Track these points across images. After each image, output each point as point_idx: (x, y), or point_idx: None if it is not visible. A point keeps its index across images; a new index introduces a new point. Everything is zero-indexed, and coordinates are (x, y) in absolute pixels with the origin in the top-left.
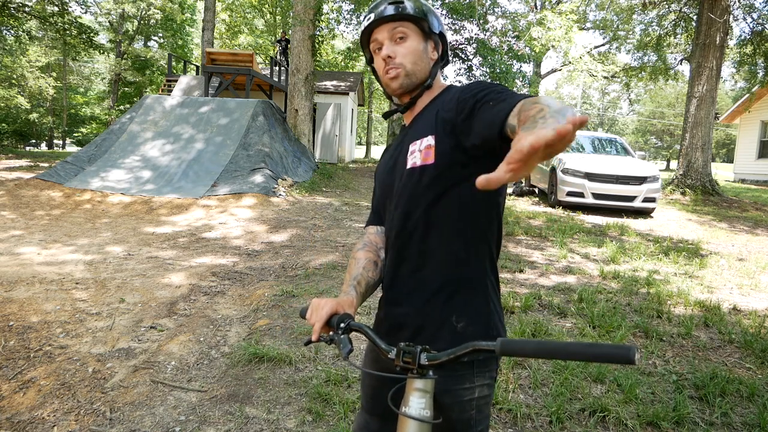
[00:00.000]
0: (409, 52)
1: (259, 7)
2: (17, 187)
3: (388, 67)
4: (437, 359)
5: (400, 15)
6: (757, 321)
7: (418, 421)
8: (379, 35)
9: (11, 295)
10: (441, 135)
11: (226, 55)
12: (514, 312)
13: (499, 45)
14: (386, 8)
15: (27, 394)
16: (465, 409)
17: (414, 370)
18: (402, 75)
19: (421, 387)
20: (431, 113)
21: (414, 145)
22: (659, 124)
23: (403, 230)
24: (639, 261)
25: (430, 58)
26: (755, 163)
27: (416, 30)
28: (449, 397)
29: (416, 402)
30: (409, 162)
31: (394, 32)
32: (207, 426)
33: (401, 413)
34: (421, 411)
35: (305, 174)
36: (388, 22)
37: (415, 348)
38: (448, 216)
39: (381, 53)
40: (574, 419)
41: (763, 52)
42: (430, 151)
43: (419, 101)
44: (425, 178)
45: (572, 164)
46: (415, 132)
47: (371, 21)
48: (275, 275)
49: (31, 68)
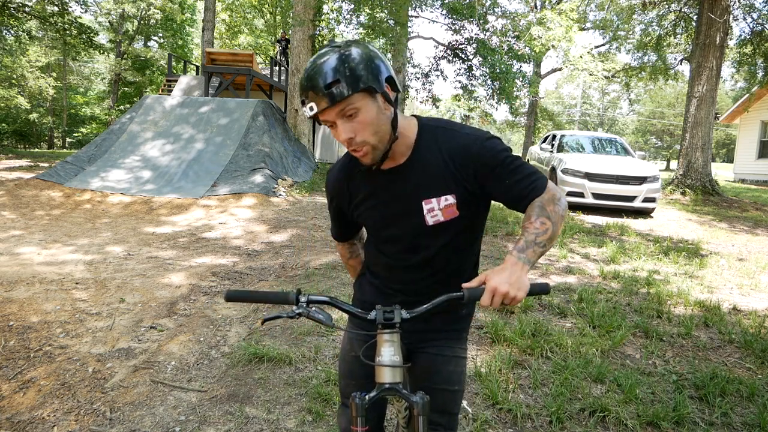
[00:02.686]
0: (366, 126)
1: (259, 7)
2: (17, 187)
3: (352, 148)
4: (417, 313)
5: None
6: (757, 321)
7: (390, 367)
8: (328, 117)
9: (11, 295)
10: (461, 194)
11: (226, 55)
12: (514, 312)
13: (499, 45)
14: (326, 97)
15: (27, 394)
16: (459, 363)
17: (397, 324)
18: (370, 151)
19: (389, 339)
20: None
21: (429, 203)
22: (659, 124)
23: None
24: (639, 261)
25: (388, 115)
26: (755, 163)
27: (363, 96)
28: (451, 350)
29: (387, 351)
30: (430, 220)
31: (344, 111)
32: (207, 426)
33: (376, 364)
34: (392, 357)
35: (305, 174)
36: (332, 106)
37: (394, 306)
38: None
39: (338, 133)
40: (574, 419)
41: (763, 52)
42: (452, 208)
43: (394, 148)
44: (451, 228)
45: (572, 164)
46: (422, 189)
47: (315, 112)
48: (275, 275)
49: (31, 68)
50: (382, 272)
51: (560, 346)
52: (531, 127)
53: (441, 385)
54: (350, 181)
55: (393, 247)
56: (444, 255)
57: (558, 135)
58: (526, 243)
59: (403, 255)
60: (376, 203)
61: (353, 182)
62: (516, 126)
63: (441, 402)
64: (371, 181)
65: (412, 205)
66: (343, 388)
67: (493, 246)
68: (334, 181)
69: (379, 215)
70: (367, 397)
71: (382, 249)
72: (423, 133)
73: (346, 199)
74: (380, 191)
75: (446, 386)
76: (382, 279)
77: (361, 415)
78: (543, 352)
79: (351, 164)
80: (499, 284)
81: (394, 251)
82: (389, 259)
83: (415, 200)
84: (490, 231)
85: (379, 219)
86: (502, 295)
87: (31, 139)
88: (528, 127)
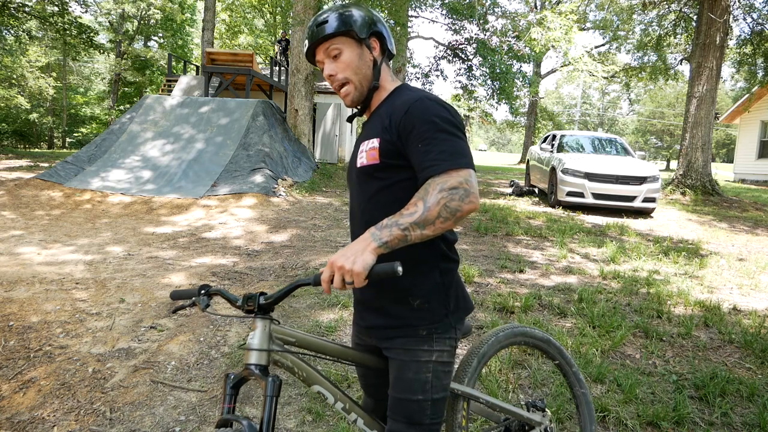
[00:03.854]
0: (346, 66)
1: (259, 7)
2: (17, 187)
3: (335, 85)
4: (271, 298)
5: (329, 35)
6: (757, 321)
7: (254, 351)
8: (318, 56)
9: (11, 295)
10: (384, 141)
11: (226, 55)
12: (514, 312)
13: (499, 45)
14: (315, 31)
15: (27, 394)
16: (421, 370)
17: (255, 311)
18: (352, 90)
19: (260, 325)
20: (381, 116)
21: (364, 145)
22: (659, 124)
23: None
24: (639, 261)
25: (369, 62)
26: (755, 163)
27: (348, 41)
28: (408, 354)
29: (253, 335)
30: (358, 161)
31: (329, 51)
32: (207, 426)
33: (245, 347)
34: (253, 340)
35: (305, 174)
36: (321, 44)
37: (256, 294)
38: (392, 206)
39: (324, 72)
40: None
41: (763, 52)
42: (374, 152)
43: (372, 102)
44: (372, 177)
45: (572, 164)
46: (367, 133)
47: (307, 47)
48: (275, 275)
49: (31, 68)
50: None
51: None
52: (531, 127)
53: (400, 395)
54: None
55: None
56: (366, 212)
57: (558, 135)
58: (388, 221)
59: (352, 202)
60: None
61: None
62: (516, 126)
63: (405, 413)
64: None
65: (356, 150)
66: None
67: (493, 246)
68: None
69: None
70: (232, 377)
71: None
72: (395, 91)
73: None
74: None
75: (407, 395)
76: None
77: (228, 394)
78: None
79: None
80: (336, 258)
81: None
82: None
83: (359, 144)
84: (490, 231)
85: (348, 168)
86: (339, 270)
87: (31, 139)
88: (528, 127)
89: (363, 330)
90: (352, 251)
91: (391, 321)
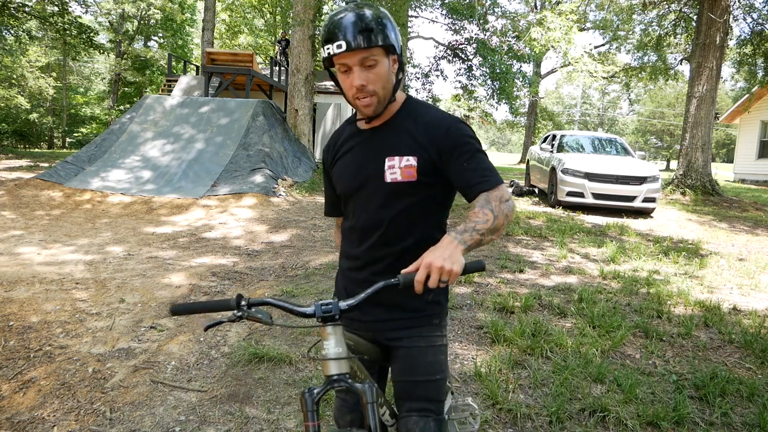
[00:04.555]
0: (379, 78)
1: (259, 7)
2: (17, 187)
3: (361, 94)
4: (354, 304)
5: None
6: (757, 321)
7: (335, 360)
8: (349, 60)
9: (11, 295)
10: (422, 159)
11: (226, 55)
12: (514, 312)
13: (499, 45)
14: (358, 39)
15: (27, 394)
16: (438, 353)
17: (337, 316)
18: (375, 102)
19: (331, 332)
20: (404, 131)
21: (391, 161)
22: (659, 124)
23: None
24: (639, 261)
25: (393, 75)
26: (755, 163)
27: (383, 52)
28: (425, 341)
29: (330, 344)
30: (388, 176)
31: (365, 60)
32: (207, 426)
33: (321, 358)
34: (335, 349)
35: (305, 174)
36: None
37: (335, 302)
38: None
39: (352, 78)
40: (574, 419)
41: (763, 52)
42: (411, 170)
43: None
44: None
45: (572, 164)
46: (388, 147)
47: (342, 50)
48: (275, 275)
49: (31, 68)
50: (348, 250)
51: (560, 346)
52: (531, 127)
53: (424, 377)
54: (338, 141)
55: (354, 208)
56: (397, 225)
57: (558, 135)
58: (465, 227)
59: (362, 217)
60: (349, 160)
61: (341, 142)
62: (516, 126)
63: (425, 393)
64: (352, 140)
65: (377, 161)
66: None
67: (493, 245)
68: (326, 147)
69: (348, 171)
70: (315, 392)
71: (347, 214)
72: (407, 104)
73: (330, 160)
74: (356, 148)
75: (428, 377)
76: (348, 261)
77: (311, 410)
78: (543, 352)
79: (344, 126)
80: (433, 259)
81: (354, 213)
82: (351, 224)
83: (381, 157)
84: None
85: (347, 175)
86: (438, 270)
87: (31, 139)
88: (528, 127)
89: (361, 325)
90: (447, 252)
91: (407, 314)
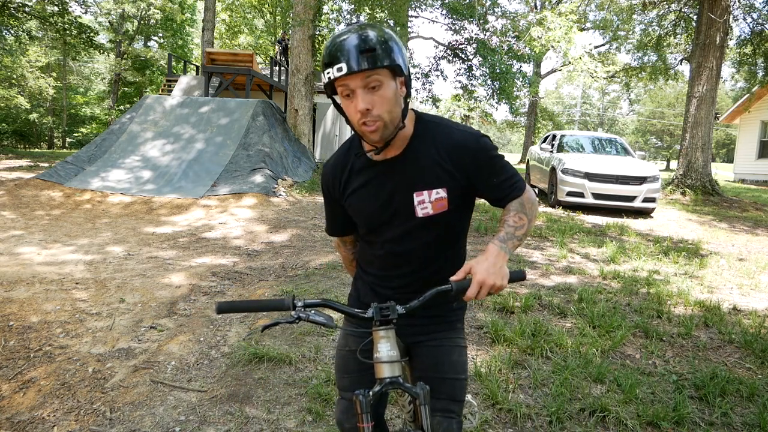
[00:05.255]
0: (385, 101)
1: (259, 7)
2: (17, 187)
3: (366, 119)
4: (412, 308)
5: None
6: (757, 321)
7: (389, 363)
8: (351, 83)
9: (11, 295)
10: (452, 188)
11: (226, 55)
12: (514, 312)
13: (499, 45)
14: (359, 60)
15: (27, 394)
16: (462, 353)
17: (394, 320)
18: (381, 128)
19: (385, 335)
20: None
21: (420, 195)
22: (659, 124)
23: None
24: (639, 261)
25: (401, 99)
26: (755, 163)
27: (388, 74)
28: (450, 341)
29: (384, 347)
30: (420, 212)
31: (368, 81)
32: (207, 426)
33: (374, 361)
34: (389, 352)
35: (305, 174)
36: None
37: (389, 303)
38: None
39: (356, 102)
40: (574, 419)
41: (763, 52)
42: (443, 202)
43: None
44: (439, 222)
45: (572, 164)
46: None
47: (344, 73)
48: (275, 275)
49: (31, 68)
50: (372, 269)
51: (560, 346)
52: (531, 127)
53: (449, 375)
54: (345, 172)
55: (381, 239)
56: (429, 251)
57: (558, 135)
58: (506, 234)
59: (391, 247)
60: (368, 194)
61: (349, 173)
62: (516, 126)
63: (451, 391)
64: (366, 172)
65: (403, 196)
66: (339, 381)
67: None
68: (330, 173)
69: (371, 206)
70: (370, 393)
71: (371, 242)
72: (419, 127)
73: (339, 190)
74: (374, 181)
75: (454, 375)
76: (374, 277)
77: (366, 411)
78: (543, 352)
79: (347, 156)
80: (486, 277)
81: (382, 244)
82: (377, 252)
83: (407, 192)
84: (490, 231)
85: (370, 210)
86: (490, 287)
87: (31, 139)
88: (528, 127)
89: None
90: (497, 266)
91: (433, 319)
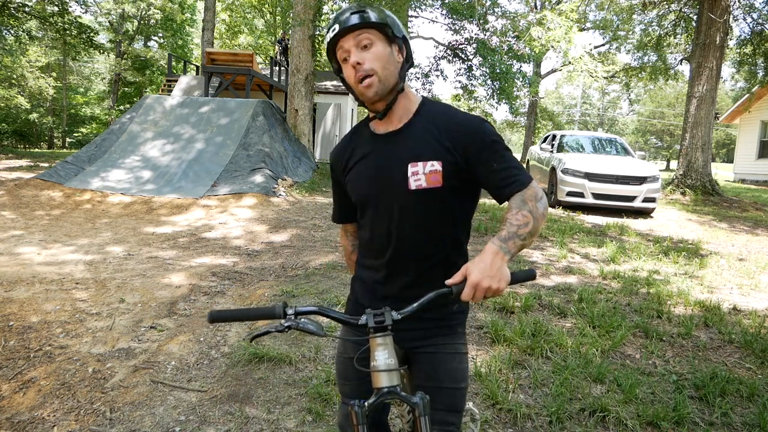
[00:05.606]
0: (376, 57)
1: (259, 7)
2: (17, 187)
3: (360, 74)
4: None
5: (363, 23)
6: (757, 321)
7: (386, 371)
8: (346, 44)
9: (11, 295)
10: (447, 163)
11: (226, 55)
12: (514, 312)
13: (499, 45)
14: (350, 18)
15: (27, 394)
16: (462, 360)
17: (389, 327)
18: (376, 82)
19: (382, 342)
20: (427, 134)
21: (414, 167)
22: (659, 124)
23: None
24: (639, 261)
25: (397, 62)
26: (755, 163)
27: (380, 36)
28: (449, 348)
29: (381, 355)
30: (413, 183)
31: (360, 39)
32: (207, 426)
33: (371, 369)
34: (386, 361)
35: (305, 174)
36: (353, 32)
37: (383, 309)
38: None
39: (350, 60)
40: (574, 419)
41: (763, 52)
42: (437, 176)
43: (396, 108)
44: (431, 200)
45: (572, 164)
46: (410, 152)
47: (336, 32)
48: (275, 275)
49: (31, 68)
50: (368, 261)
51: (560, 346)
52: (531, 127)
53: (447, 384)
54: (348, 149)
55: (374, 215)
56: (423, 235)
57: (558, 135)
58: (508, 234)
59: (383, 225)
60: (366, 167)
61: (352, 150)
62: (516, 126)
63: (450, 401)
64: (367, 146)
65: (398, 167)
66: (340, 387)
67: None
68: (336, 152)
69: (366, 178)
70: (366, 404)
71: (365, 221)
72: (424, 106)
73: (341, 166)
74: (373, 154)
75: (453, 384)
76: (369, 271)
77: (362, 423)
78: (543, 352)
79: (352, 137)
80: (480, 279)
81: (375, 220)
82: (371, 234)
83: (402, 163)
84: (490, 231)
85: (365, 182)
86: (484, 290)
87: (31, 139)
88: (528, 127)
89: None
90: (493, 269)
91: (432, 323)
